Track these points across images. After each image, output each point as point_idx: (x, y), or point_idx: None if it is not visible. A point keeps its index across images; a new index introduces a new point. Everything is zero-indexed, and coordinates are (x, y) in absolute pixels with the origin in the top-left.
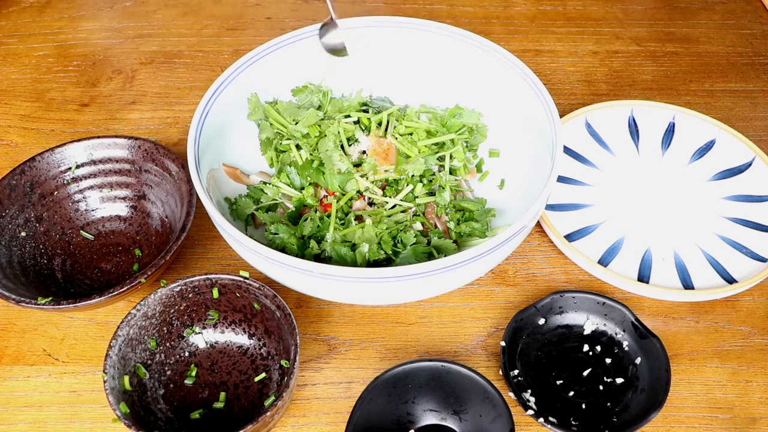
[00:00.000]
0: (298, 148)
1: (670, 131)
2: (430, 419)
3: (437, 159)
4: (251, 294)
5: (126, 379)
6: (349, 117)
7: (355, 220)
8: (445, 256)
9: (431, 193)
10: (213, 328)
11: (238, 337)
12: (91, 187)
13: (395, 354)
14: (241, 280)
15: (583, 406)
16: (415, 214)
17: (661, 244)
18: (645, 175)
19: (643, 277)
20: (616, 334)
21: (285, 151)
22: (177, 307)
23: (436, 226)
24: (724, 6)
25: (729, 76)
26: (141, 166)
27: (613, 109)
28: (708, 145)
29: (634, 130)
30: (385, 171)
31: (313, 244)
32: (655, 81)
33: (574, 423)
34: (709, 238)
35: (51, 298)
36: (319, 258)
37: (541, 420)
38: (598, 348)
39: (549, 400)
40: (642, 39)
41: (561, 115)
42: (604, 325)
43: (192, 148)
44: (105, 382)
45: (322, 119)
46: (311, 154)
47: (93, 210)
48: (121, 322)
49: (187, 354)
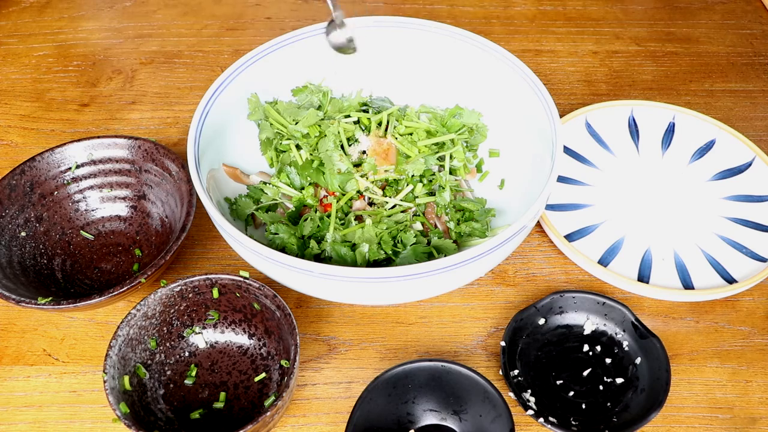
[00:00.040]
0: (298, 148)
1: (670, 131)
2: (430, 419)
3: (437, 159)
4: (251, 294)
5: (126, 379)
6: (349, 117)
7: (355, 220)
8: (445, 256)
9: (431, 193)
10: (213, 328)
11: (238, 337)
12: (91, 187)
13: (395, 354)
14: (241, 280)
15: (583, 406)
16: (415, 214)
17: (661, 244)
18: (645, 175)
19: (643, 277)
20: (616, 334)
21: (285, 151)
22: (177, 307)
23: (436, 226)
24: (724, 6)
25: (729, 76)
26: (141, 166)
27: (613, 109)
28: (708, 145)
29: (634, 130)
30: (385, 171)
31: (313, 244)
32: (655, 81)
33: (574, 423)
34: (709, 238)
35: (51, 298)
36: (319, 258)
37: (541, 420)
38: (598, 348)
39: (549, 400)
40: (642, 39)
41: (561, 115)
42: (604, 325)
43: (192, 148)
44: (105, 382)
45: (322, 119)
46: (311, 154)
47: (93, 210)
48: (121, 322)
49: (187, 354)
